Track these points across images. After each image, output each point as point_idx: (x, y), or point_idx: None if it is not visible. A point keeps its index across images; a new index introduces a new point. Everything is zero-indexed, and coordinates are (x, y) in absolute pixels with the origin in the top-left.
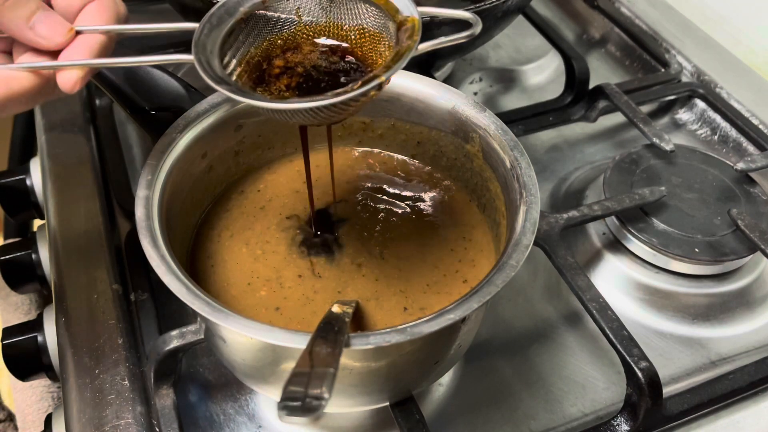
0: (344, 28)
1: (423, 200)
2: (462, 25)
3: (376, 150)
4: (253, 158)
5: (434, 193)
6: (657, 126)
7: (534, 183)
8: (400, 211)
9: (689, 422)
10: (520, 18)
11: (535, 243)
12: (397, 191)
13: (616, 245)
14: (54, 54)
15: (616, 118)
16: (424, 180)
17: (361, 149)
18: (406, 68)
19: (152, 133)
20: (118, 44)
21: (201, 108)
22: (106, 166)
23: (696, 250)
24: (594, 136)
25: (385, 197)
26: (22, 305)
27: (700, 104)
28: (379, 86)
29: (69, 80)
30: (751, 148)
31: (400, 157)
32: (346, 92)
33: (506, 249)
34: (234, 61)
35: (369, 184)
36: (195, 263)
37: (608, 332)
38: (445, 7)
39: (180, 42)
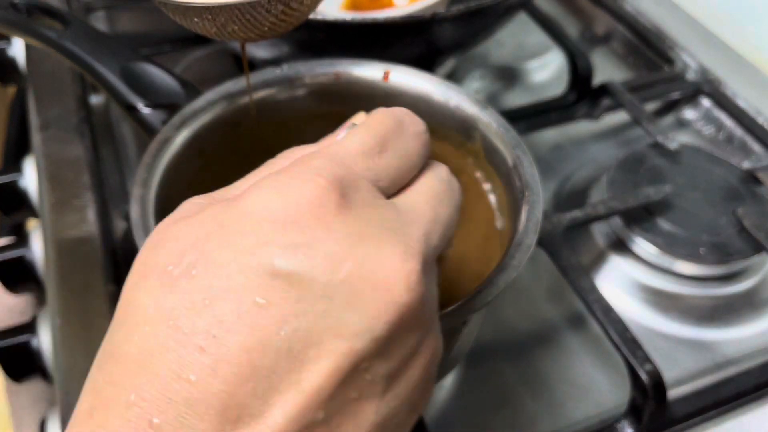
0: None
1: None
2: (464, 21)
3: None
4: (250, 157)
5: None
6: (661, 124)
7: (536, 182)
8: None
9: (694, 425)
10: (523, 14)
11: (538, 243)
12: None
13: (619, 246)
14: None
15: (620, 116)
16: None
17: None
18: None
19: (148, 130)
20: (113, 39)
21: (198, 105)
22: (101, 164)
23: (701, 250)
24: (597, 135)
25: None
26: (17, 307)
27: (706, 102)
28: None
29: None
30: (756, 147)
31: None
32: None
33: (508, 249)
34: None
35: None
36: None
37: (612, 334)
38: (447, 3)
39: (176, 39)
